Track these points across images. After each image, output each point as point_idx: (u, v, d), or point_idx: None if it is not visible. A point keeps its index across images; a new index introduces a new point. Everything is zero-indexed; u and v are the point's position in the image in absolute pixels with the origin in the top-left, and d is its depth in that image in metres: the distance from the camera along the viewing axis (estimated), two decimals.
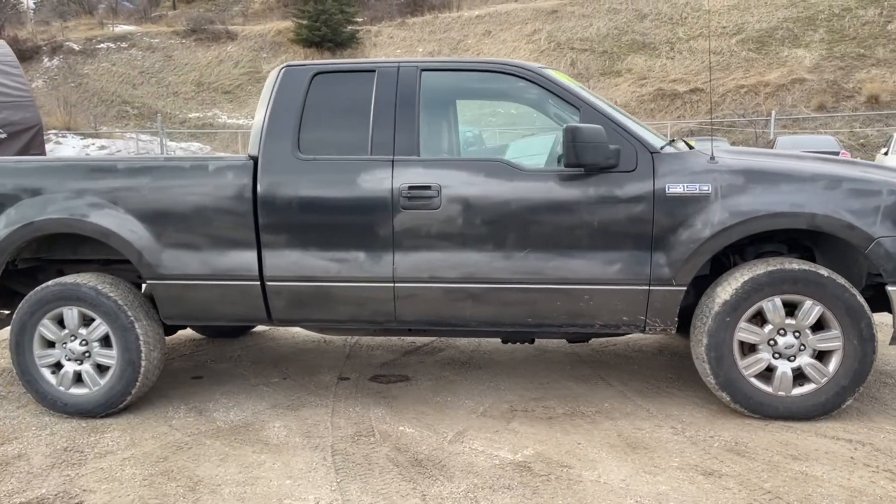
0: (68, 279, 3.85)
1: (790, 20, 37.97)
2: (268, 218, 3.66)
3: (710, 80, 29.94)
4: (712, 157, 3.44)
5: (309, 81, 3.75)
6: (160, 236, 3.74)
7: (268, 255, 3.68)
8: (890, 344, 3.45)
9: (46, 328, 3.86)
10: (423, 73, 3.69)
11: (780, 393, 3.41)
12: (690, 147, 3.75)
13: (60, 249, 4.11)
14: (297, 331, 5.67)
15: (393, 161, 3.57)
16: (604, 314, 3.52)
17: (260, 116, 3.77)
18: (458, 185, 3.52)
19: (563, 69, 40.54)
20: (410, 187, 3.53)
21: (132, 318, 3.79)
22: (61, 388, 3.88)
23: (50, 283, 3.84)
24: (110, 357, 3.83)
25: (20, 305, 3.86)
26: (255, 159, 3.70)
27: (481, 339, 5.19)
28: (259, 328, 5.71)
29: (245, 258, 3.70)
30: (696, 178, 3.38)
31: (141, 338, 3.80)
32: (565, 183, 3.46)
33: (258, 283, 3.71)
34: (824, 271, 3.32)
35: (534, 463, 3.12)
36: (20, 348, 3.86)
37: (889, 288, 3.32)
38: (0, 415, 3.98)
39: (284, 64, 3.86)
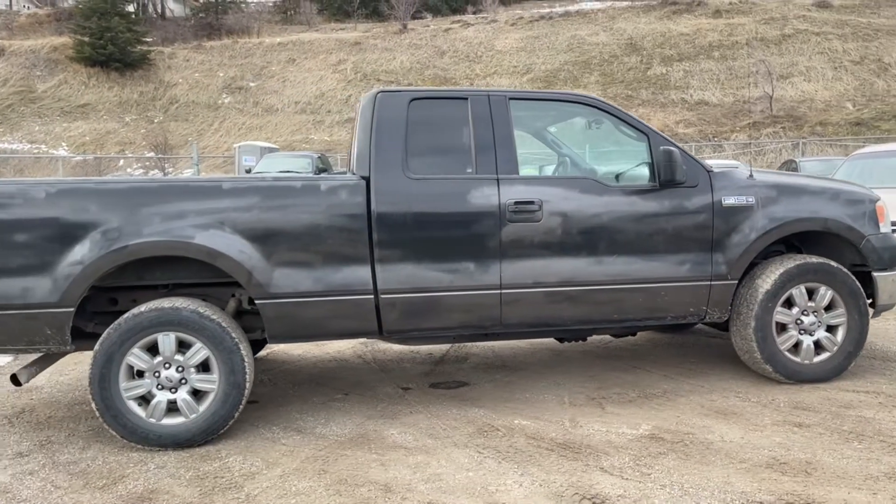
0: (164, 303, 3.69)
1: (570, 63, 42.52)
2: (382, 234, 3.84)
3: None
4: (751, 175, 4.28)
5: (407, 106, 4.01)
6: (271, 256, 3.76)
7: (381, 270, 3.86)
8: (872, 317, 4.50)
9: (137, 357, 3.66)
10: (511, 101, 4.13)
11: (805, 361, 4.32)
12: None
13: (126, 275, 3.90)
14: (299, 352, 5.68)
15: (498, 179, 3.96)
16: (675, 307, 4.18)
17: (364, 139, 3.94)
18: (556, 200, 4.00)
19: None
20: (516, 202, 3.94)
21: (237, 340, 3.74)
22: (152, 420, 3.69)
23: (143, 308, 3.66)
24: (210, 382, 3.74)
25: (106, 335, 3.63)
26: (366, 179, 3.87)
27: (494, 344, 5.62)
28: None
29: (360, 273, 3.84)
30: (743, 191, 4.20)
31: (246, 359, 3.76)
32: (645, 196, 4.10)
33: (372, 296, 3.86)
34: (834, 263, 4.29)
35: (661, 434, 3.67)
36: (105, 382, 3.62)
37: (874, 273, 4.38)
38: (75, 456, 3.66)
39: (379, 89, 4.07)
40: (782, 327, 4.31)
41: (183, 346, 3.72)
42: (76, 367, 5.45)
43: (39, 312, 3.59)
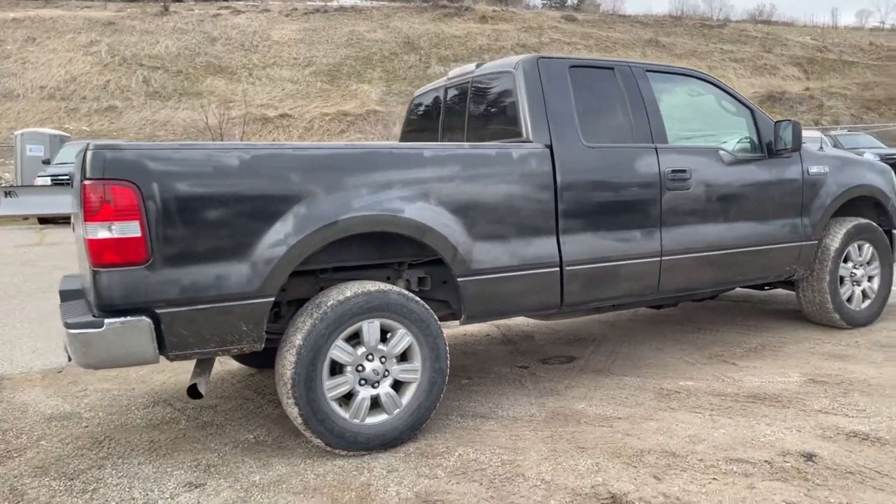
0: (370, 286, 3.22)
1: (351, 58, 42.73)
2: (566, 204, 3.73)
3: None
4: (821, 147, 4.86)
5: (568, 73, 3.92)
6: (471, 229, 3.46)
7: (566, 241, 3.74)
8: None
9: (341, 350, 3.17)
10: (648, 73, 4.23)
11: (857, 308, 5.05)
12: None
13: None
14: None
15: (656, 148, 4.05)
16: (779, 267, 4.62)
17: (537, 105, 3.75)
18: (700, 168, 4.19)
19: (137, 87, 38.32)
20: (673, 171, 4.07)
21: (439, 324, 3.41)
22: (356, 421, 3.22)
23: (349, 293, 3.16)
24: (413, 371, 3.35)
25: (311, 326, 3.07)
26: (549, 147, 3.72)
27: (548, 322, 5.65)
28: None
29: (548, 245, 3.69)
30: (821, 161, 4.76)
31: (447, 343, 3.44)
32: (759, 165, 4.47)
33: (558, 269, 3.73)
34: (874, 224, 5.04)
35: (817, 379, 4.05)
36: (311, 382, 3.08)
37: (894, 232, 5.22)
38: (268, 475, 3.06)
39: (536, 55, 3.90)
40: (841, 280, 4.97)
41: (383, 335, 3.29)
42: (79, 384, 4.46)
43: (236, 305, 2.93)
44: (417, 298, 3.33)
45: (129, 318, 2.75)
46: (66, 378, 4.67)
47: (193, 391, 3.06)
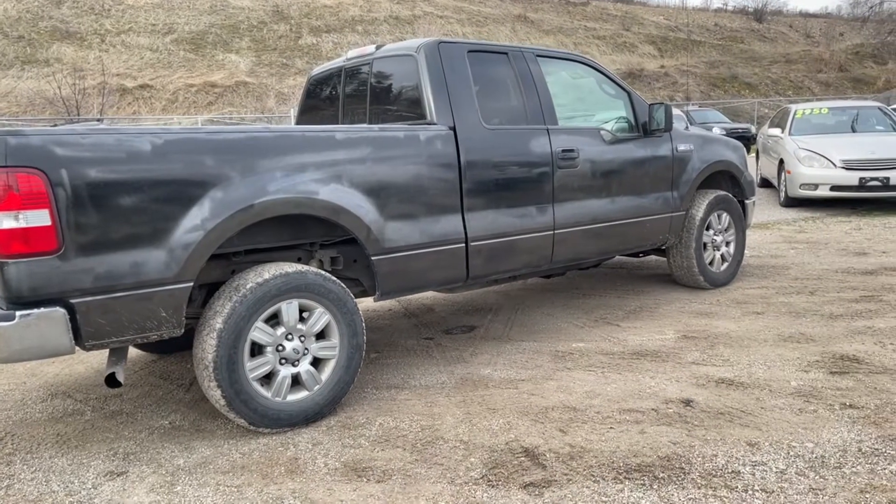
0: (288, 268, 3.31)
1: (217, 26, 40.86)
2: (469, 183, 3.95)
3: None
4: (687, 127, 5.37)
5: (467, 57, 4.12)
6: (383, 209, 3.61)
7: (470, 218, 3.98)
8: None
9: (262, 331, 3.24)
10: (539, 58, 4.51)
11: (717, 271, 5.66)
12: None
13: None
14: None
15: (548, 130, 4.35)
16: (653, 236, 5.10)
17: (439, 88, 3.93)
18: (586, 147, 4.54)
19: None
20: (563, 150, 4.39)
21: (355, 301, 3.55)
22: (278, 399, 3.32)
23: (267, 276, 3.23)
24: (331, 348, 3.49)
25: (231, 309, 3.12)
26: (452, 129, 3.91)
27: (443, 295, 5.90)
28: None
29: (454, 223, 3.91)
30: (687, 139, 5.27)
31: (363, 320, 3.60)
32: (636, 144, 4.89)
33: (464, 244, 3.96)
34: (730, 195, 5.66)
35: (688, 335, 4.56)
36: (233, 364, 3.14)
37: (747, 202, 5.88)
38: (191, 459, 3.12)
39: (437, 39, 4.06)
40: (704, 246, 5.55)
41: (301, 314, 3.39)
42: None
43: (154, 291, 2.93)
44: (334, 278, 3.44)
45: (42, 309, 2.70)
46: None
47: (111, 380, 3.04)
